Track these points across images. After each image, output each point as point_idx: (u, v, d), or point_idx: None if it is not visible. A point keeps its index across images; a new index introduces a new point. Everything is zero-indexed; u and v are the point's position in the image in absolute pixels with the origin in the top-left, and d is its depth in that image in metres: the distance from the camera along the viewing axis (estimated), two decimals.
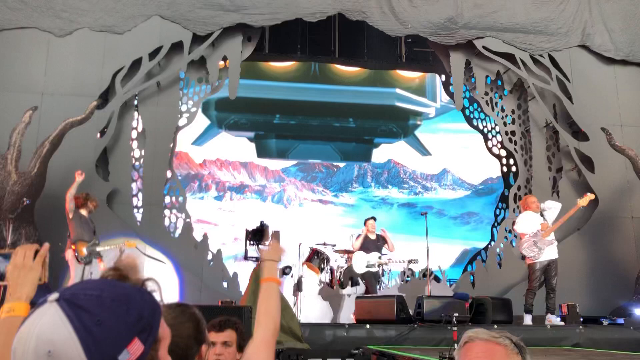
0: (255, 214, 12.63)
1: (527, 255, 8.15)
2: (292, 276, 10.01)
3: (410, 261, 9.41)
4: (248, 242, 7.14)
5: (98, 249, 7.88)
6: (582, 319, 8.67)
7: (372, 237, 9.49)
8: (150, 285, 1.00)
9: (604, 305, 10.17)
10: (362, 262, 9.34)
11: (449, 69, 11.94)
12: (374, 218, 9.72)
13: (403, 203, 14.47)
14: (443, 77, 13.53)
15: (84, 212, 8.10)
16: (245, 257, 7.26)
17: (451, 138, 14.55)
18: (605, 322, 9.05)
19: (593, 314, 9.60)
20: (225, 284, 10.50)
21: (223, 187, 14.11)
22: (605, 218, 10.91)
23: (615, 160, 10.66)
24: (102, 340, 0.84)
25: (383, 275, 10.56)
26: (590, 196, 8.23)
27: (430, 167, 14.91)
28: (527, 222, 8.23)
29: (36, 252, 1.66)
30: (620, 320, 9.02)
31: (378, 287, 9.36)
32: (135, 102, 10.82)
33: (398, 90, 14.59)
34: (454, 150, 14.52)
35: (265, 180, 14.31)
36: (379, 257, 9.31)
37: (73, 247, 7.67)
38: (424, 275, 9.34)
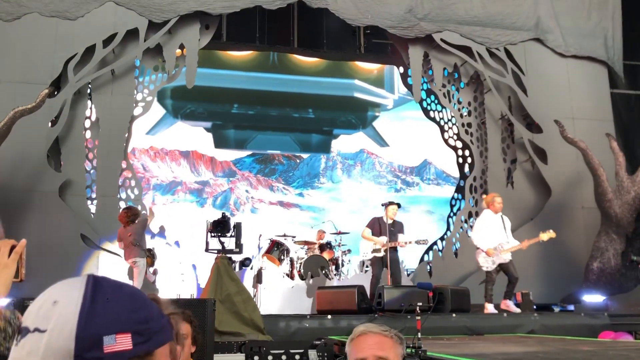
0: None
1: (480, 264, 8.46)
2: (251, 268, 9.96)
3: (418, 242, 8.84)
4: (209, 234, 7.04)
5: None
6: (535, 307, 8.95)
7: (388, 221, 8.78)
8: (174, 320, 1.02)
9: (556, 292, 10.51)
10: (368, 247, 8.79)
11: (408, 61, 12.03)
12: (399, 205, 9.01)
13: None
14: (401, 69, 13.62)
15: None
16: (206, 250, 7.16)
17: (425, 129, 13.82)
18: (556, 309, 9.37)
19: (545, 301, 9.91)
20: (183, 277, 10.34)
21: (147, 185, 12.54)
22: (557, 208, 11.24)
23: (567, 152, 10.98)
24: (100, 314, 0.86)
25: (342, 266, 10.59)
26: (551, 234, 8.48)
27: (409, 158, 14.15)
28: (483, 232, 8.44)
29: (12, 248, 1.57)
30: (571, 307, 9.34)
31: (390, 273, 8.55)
32: (89, 91, 10.48)
33: (357, 82, 14.60)
34: (432, 141, 13.64)
35: (212, 174, 13.16)
36: (387, 241, 8.61)
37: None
38: (385, 265, 9.35)
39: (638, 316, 7.67)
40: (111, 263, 9.50)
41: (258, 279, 9.20)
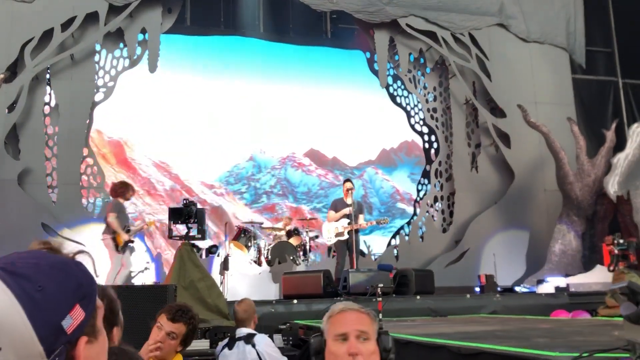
0: None
1: None
2: (218, 255, 9.89)
3: (379, 222, 8.90)
4: (171, 221, 6.96)
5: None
6: (498, 288, 9.12)
7: (348, 201, 8.63)
8: (81, 258, 0.98)
9: (519, 274, 10.72)
10: (331, 232, 8.74)
11: (374, 46, 12.03)
12: (350, 181, 8.89)
13: None
14: (367, 54, 13.61)
15: (121, 200, 8.07)
16: (170, 237, 7.09)
17: None
18: (519, 290, 9.56)
19: (509, 282, 10.11)
20: (148, 264, 10.22)
21: None
22: (520, 191, 11.45)
23: (530, 136, 11.16)
24: (45, 306, 0.83)
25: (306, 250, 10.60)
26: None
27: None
28: None
29: None
30: (533, 288, 9.54)
31: (355, 256, 8.48)
32: (47, 76, 10.22)
33: None
34: None
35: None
36: (348, 223, 8.54)
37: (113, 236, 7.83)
38: (349, 249, 9.39)
39: (596, 295, 7.86)
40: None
41: (225, 265, 9.13)
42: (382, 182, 14.01)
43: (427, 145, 12.92)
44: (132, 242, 8.10)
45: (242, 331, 4.47)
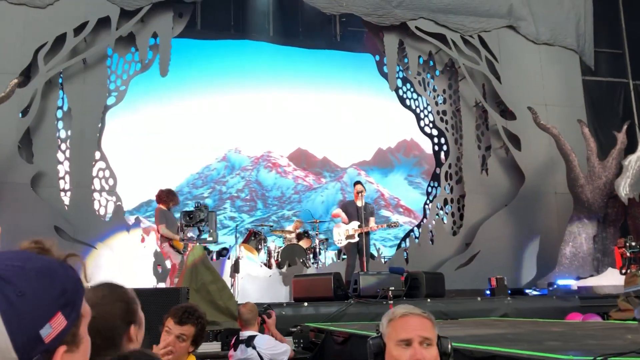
0: None
1: None
2: (229, 258, 9.95)
3: (390, 225, 8.95)
4: (183, 224, 7.01)
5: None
6: (509, 291, 9.09)
7: (359, 203, 8.63)
8: (72, 261, 0.94)
9: (530, 276, 10.69)
10: (341, 234, 8.70)
11: (383, 49, 12.05)
12: (360, 183, 8.93)
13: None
14: (377, 57, 13.62)
15: (164, 207, 8.14)
16: (182, 239, 7.14)
17: None
18: (530, 293, 9.53)
19: (519, 285, 10.08)
20: (160, 268, 10.27)
21: None
22: (530, 194, 11.41)
23: (540, 139, 11.13)
24: (24, 312, 0.80)
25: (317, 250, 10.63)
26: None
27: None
28: None
29: None
30: (544, 291, 9.51)
31: (365, 259, 8.48)
32: (60, 80, 10.32)
33: None
34: None
35: None
36: (359, 226, 8.49)
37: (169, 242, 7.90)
38: (359, 252, 9.41)
39: (607, 298, 7.83)
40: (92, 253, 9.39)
41: (235, 268, 9.18)
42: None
43: (436, 148, 12.91)
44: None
45: (245, 334, 4.70)
